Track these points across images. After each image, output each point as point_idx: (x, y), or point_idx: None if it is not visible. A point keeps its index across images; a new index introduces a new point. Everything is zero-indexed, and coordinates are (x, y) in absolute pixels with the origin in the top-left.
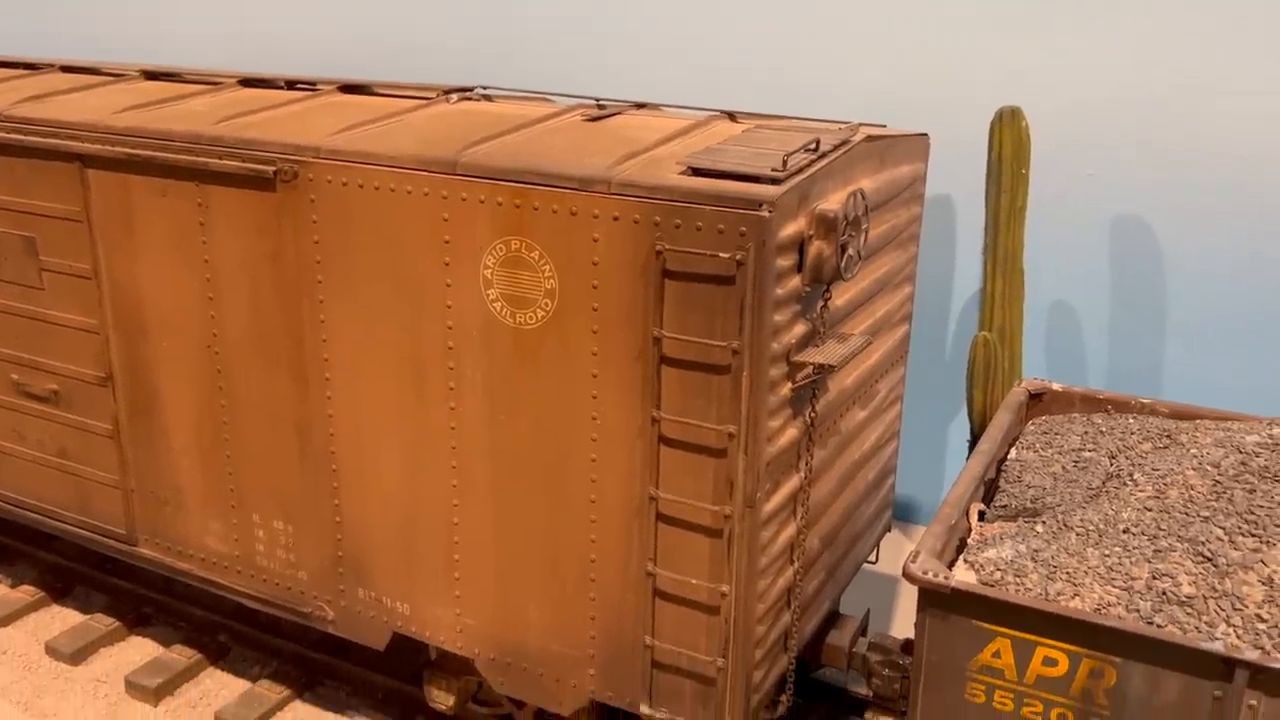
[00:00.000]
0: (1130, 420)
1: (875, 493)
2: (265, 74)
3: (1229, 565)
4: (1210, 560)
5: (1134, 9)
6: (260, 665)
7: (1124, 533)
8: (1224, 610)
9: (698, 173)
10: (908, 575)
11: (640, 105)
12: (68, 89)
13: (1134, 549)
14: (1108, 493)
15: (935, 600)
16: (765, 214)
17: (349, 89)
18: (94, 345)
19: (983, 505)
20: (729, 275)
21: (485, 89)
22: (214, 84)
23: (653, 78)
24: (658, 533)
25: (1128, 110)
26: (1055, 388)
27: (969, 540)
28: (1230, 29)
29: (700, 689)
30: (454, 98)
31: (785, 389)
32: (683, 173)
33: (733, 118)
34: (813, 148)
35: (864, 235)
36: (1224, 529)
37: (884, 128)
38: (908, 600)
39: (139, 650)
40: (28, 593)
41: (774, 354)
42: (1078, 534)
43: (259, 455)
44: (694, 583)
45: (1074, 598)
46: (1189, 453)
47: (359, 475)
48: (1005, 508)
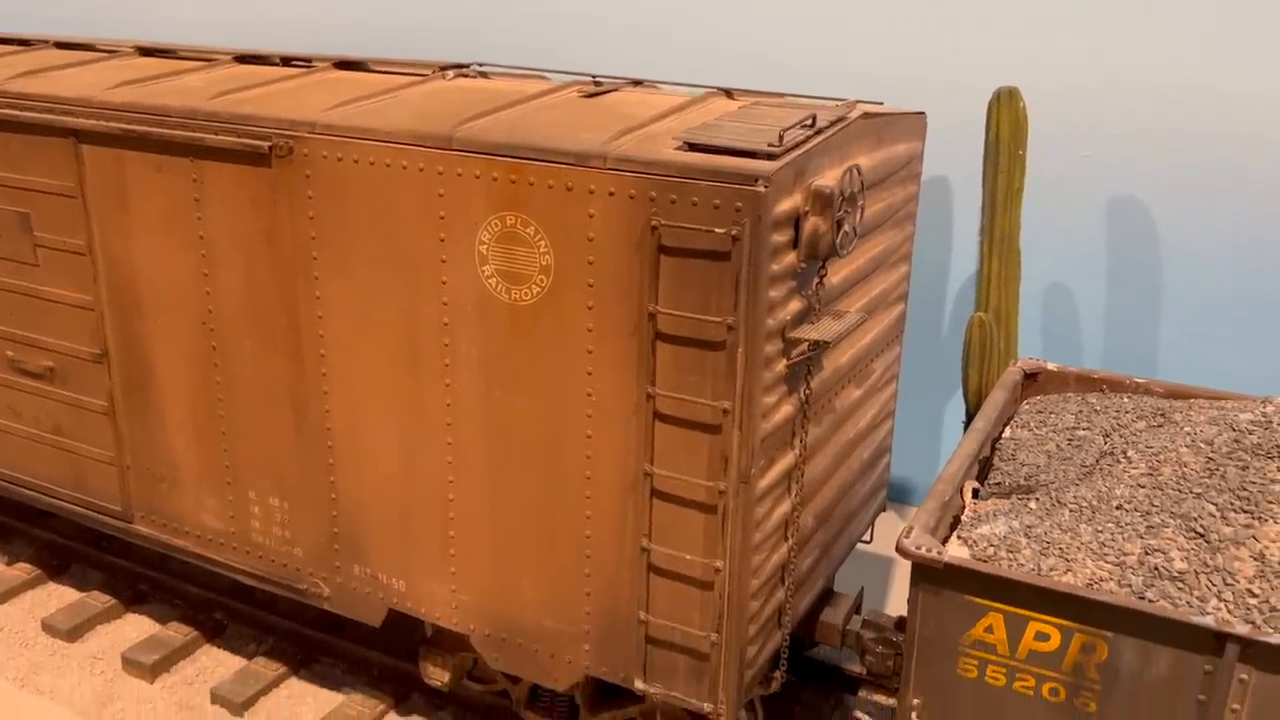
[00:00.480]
0: (1125, 399)
1: (870, 472)
2: (261, 50)
3: (1221, 541)
4: (1202, 536)
5: None
6: (256, 642)
7: (1117, 509)
8: (1215, 585)
9: (694, 148)
10: (901, 550)
11: (637, 82)
12: (62, 65)
13: (1127, 525)
14: (1101, 470)
15: (928, 575)
16: (761, 189)
17: (344, 66)
18: (89, 322)
19: (977, 483)
20: (724, 251)
21: (481, 66)
22: (209, 60)
23: (650, 56)
24: (652, 508)
25: (1126, 92)
26: (1050, 367)
27: (963, 517)
28: (1230, 12)
29: (694, 664)
30: (450, 74)
31: (780, 365)
32: (679, 148)
33: (729, 95)
34: (809, 124)
35: (860, 212)
36: (1216, 505)
37: (881, 105)
38: (902, 579)
39: (135, 627)
40: (24, 570)
41: (769, 330)
42: (1071, 510)
43: (254, 432)
44: (688, 558)
45: (1067, 573)
46: (1183, 430)
47: (354, 452)
48: (999, 485)
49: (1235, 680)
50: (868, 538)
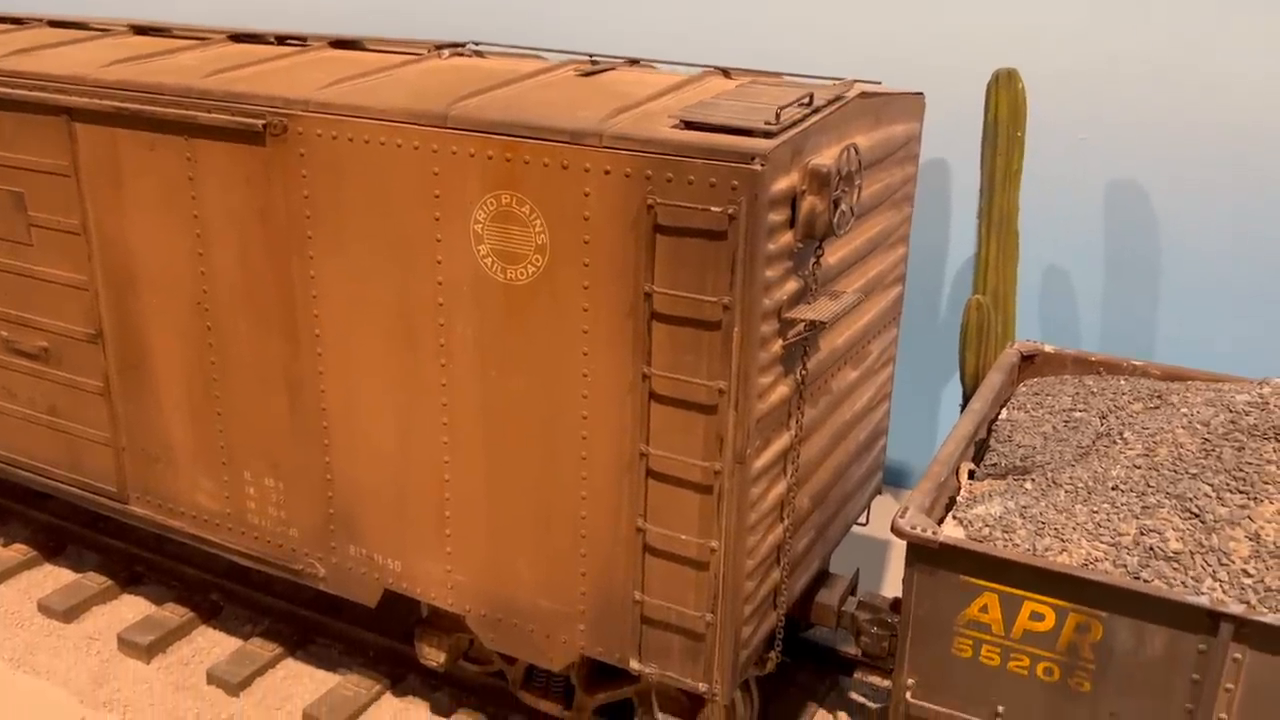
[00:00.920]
0: (1121, 381)
1: (866, 454)
2: (255, 29)
3: (1216, 521)
4: (1198, 516)
5: None
6: (252, 623)
7: (1113, 490)
8: (1210, 565)
9: (690, 126)
10: (896, 530)
11: (634, 62)
12: (55, 43)
13: (1122, 506)
14: (1097, 451)
15: (923, 555)
16: (758, 168)
17: (340, 45)
18: (83, 301)
19: (973, 464)
20: (720, 230)
21: (477, 45)
22: (203, 39)
23: (647, 35)
24: (648, 489)
25: (1126, 75)
26: (1047, 349)
27: (958, 498)
28: None
29: (689, 644)
30: (446, 53)
31: (776, 346)
32: (675, 126)
33: (726, 74)
34: (806, 103)
35: (857, 191)
36: (1212, 486)
37: (879, 84)
38: (897, 562)
39: (131, 608)
40: (20, 551)
41: (765, 310)
42: (1067, 491)
43: (249, 412)
44: (683, 538)
45: (1062, 553)
46: (1179, 412)
47: (350, 432)
48: (995, 466)
49: (1229, 659)
50: (864, 520)
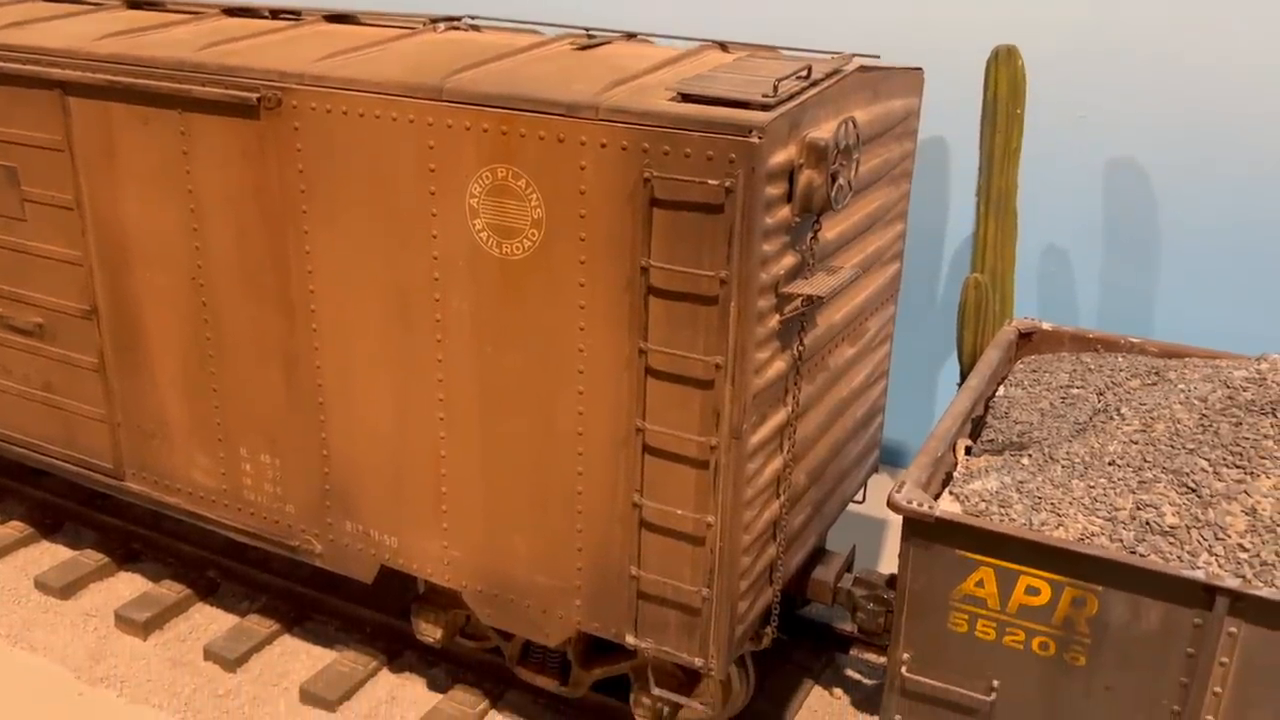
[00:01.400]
0: (1119, 359)
1: (863, 431)
2: (249, 3)
3: (1213, 496)
4: (1194, 491)
5: None
6: (249, 600)
7: (1109, 465)
8: (1206, 540)
9: (687, 98)
10: (892, 505)
11: (630, 36)
12: (48, 16)
13: (1119, 480)
14: (1094, 427)
15: (919, 530)
16: (755, 140)
17: (334, 19)
18: (78, 277)
19: (969, 441)
20: (717, 203)
21: (473, 19)
22: (197, 13)
23: (644, 9)
24: (644, 464)
25: (1126, 53)
26: (1045, 327)
27: (955, 474)
28: None
29: (685, 619)
30: (441, 27)
31: (773, 321)
32: (672, 99)
33: (724, 48)
34: (804, 75)
35: (855, 165)
36: (1209, 461)
37: (877, 58)
38: (893, 540)
39: (128, 585)
40: (16, 528)
41: (762, 285)
42: (1063, 466)
43: (245, 388)
44: (679, 513)
45: (1058, 528)
46: (1177, 388)
47: (346, 408)
48: (992, 442)
49: (1224, 633)
50: (860, 498)
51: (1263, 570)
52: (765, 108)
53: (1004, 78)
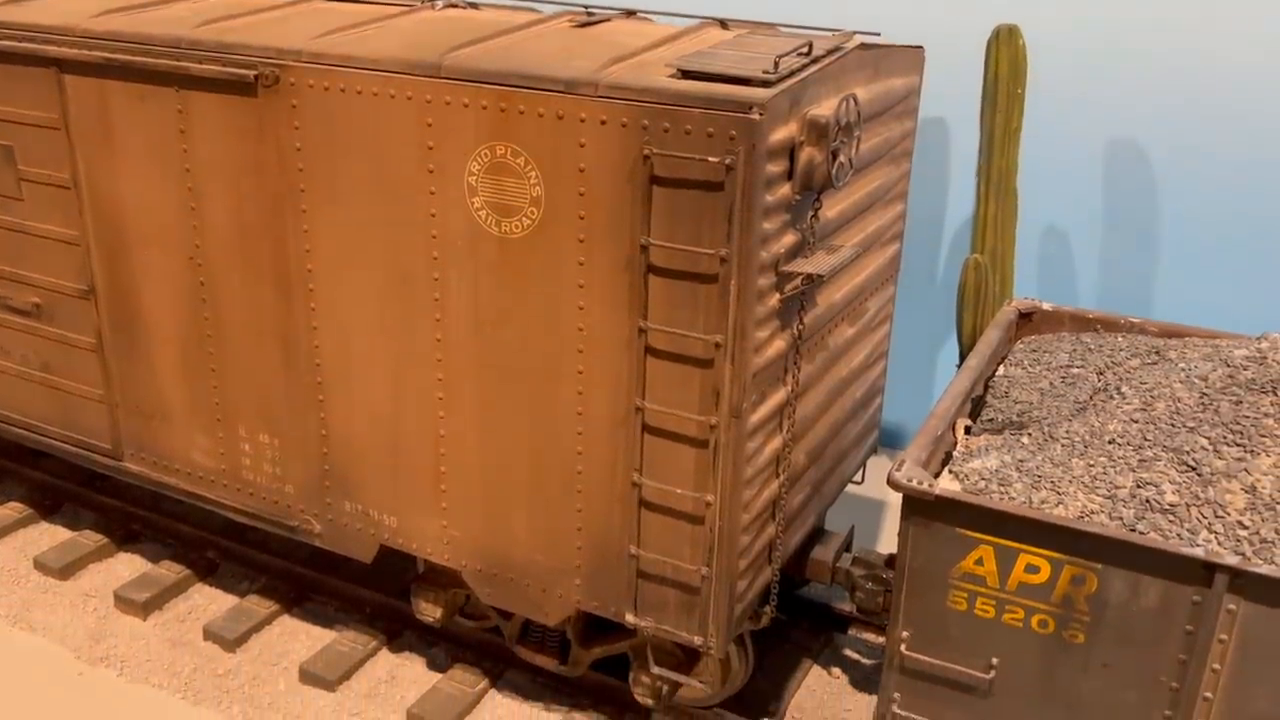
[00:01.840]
0: (1119, 339)
1: (862, 412)
2: None
3: (1213, 474)
4: (1194, 469)
5: None
6: (249, 581)
7: (1109, 443)
8: (1206, 518)
9: (687, 75)
10: (892, 483)
11: (630, 13)
12: None
13: (1119, 459)
14: (1095, 406)
15: (919, 508)
16: (756, 117)
17: None
18: (75, 257)
19: (969, 420)
20: (718, 181)
21: None
22: None
23: None
24: (644, 443)
25: (1128, 33)
26: (1045, 307)
27: (954, 453)
28: None
29: (684, 598)
30: (439, 4)
31: (773, 300)
32: (672, 75)
33: (724, 25)
34: (805, 52)
35: (856, 143)
36: (1209, 439)
37: (878, 36)
38: (892, 521)
39: (127, 566)
40: (15, 509)
41: (762, 263)
42: (1063, 445)
43: (244, 368)
44: (679, 492)
45: (1058, 506)
46: (1177, 367)
47: (345, 388)
48: (992, 422)
49: (1224, 611)
50: (859, 478)
51: (1262, 548)
52: (766, 84)
53: (1005, 57)
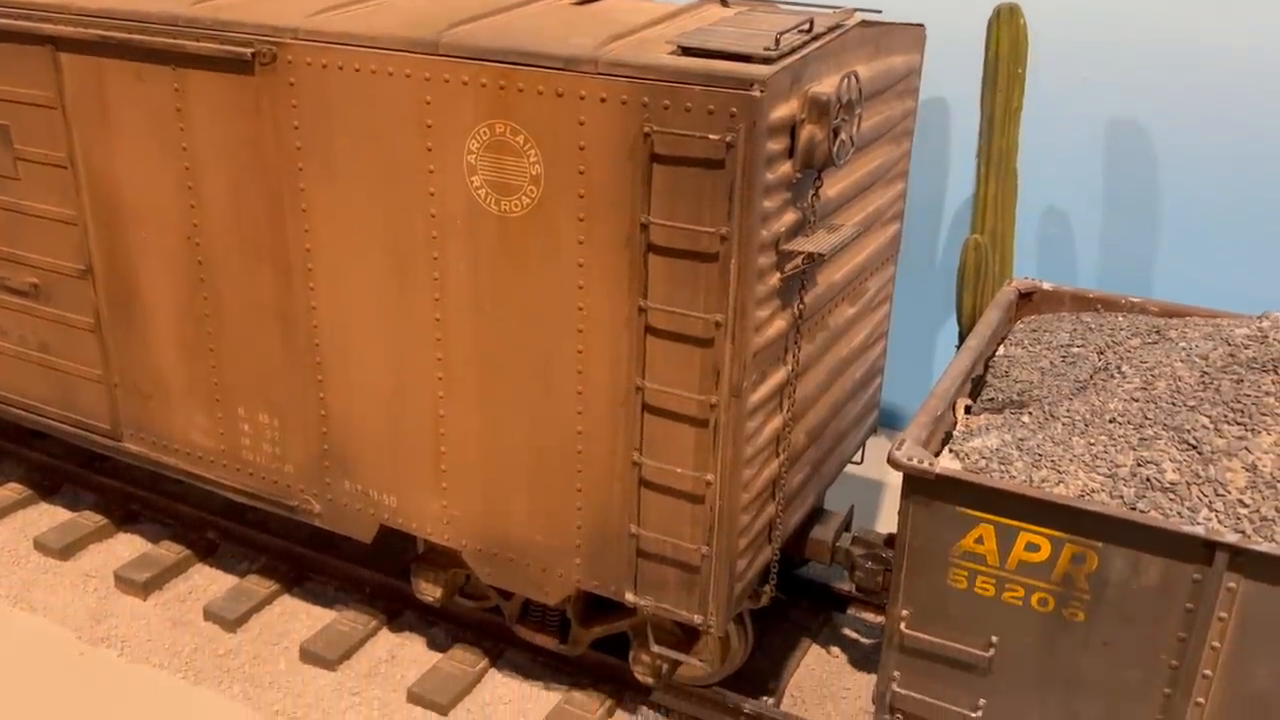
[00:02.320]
0: (1120, 318)
1: (862, 392)
2: None
3: (1213, 453)
4: (1195, 448)
5: None
6: (249, 561)
7: (1110, 422)
8: (1207, 496)
9: (688, 52)
10: (893, 462)
11: None
12: None
13: (1120, 438)
14: (1095, 385)
15: (919, 487)
16: (756, 94)
17: None
18: (73, 237)
19: (969, 400)
20: (718, 159)
21: None
22: None
23: None
24: (644, 422)
25: (1128, 13)
26: (1045, 287)
27: (954, 432)
28: None
29: (684, 577)
30: None
31: (774, 279)
32: (672, 52)
33: (724, 2)
34: (806, 29)
35: (857, 121)
36: (1210, 418)
37: (879, 14)
38: (892, 501)
39: (127, 546)
40: (15, 490)
41: (763, 242)
42: (1064, 424)
43: (242, 347)
44: (679, 471)
45: (1058, 484)
46: (1178, 346)
47: (344, 367)
48: (992, 401)
49: (1224, 589)
50: (859, 459)
51: (1262, 526)
52: (767, 61)
53: (1005, 37)
